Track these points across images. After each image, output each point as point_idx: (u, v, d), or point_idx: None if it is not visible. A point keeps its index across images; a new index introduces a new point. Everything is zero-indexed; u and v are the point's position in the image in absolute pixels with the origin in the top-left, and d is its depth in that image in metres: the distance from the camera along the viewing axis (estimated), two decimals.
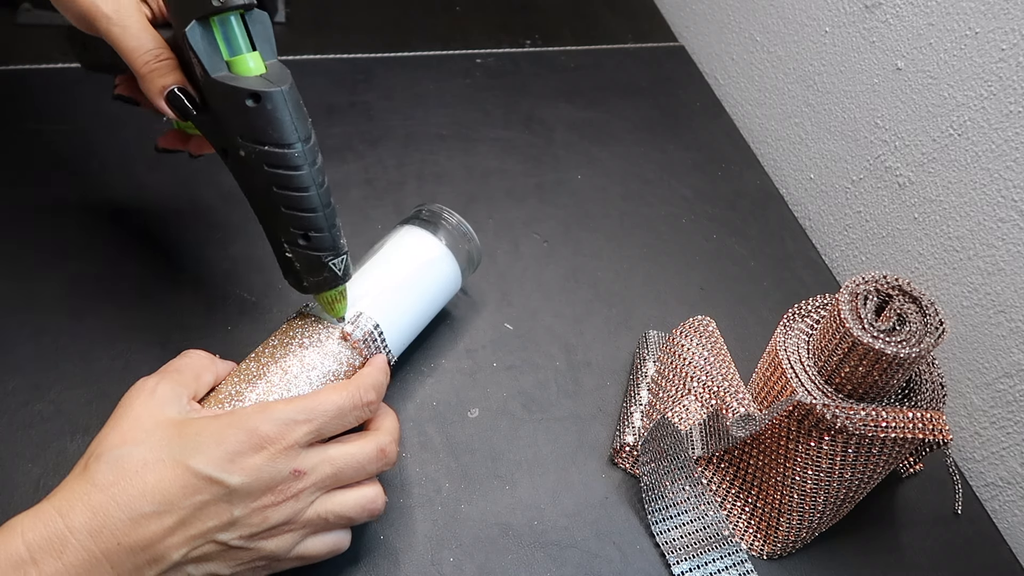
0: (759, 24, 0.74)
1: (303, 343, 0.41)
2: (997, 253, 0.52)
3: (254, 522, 0.35)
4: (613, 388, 0.53)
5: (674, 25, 0.89)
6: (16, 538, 0.31)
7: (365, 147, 0.67)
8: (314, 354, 0.41)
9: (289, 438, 0.35)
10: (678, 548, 0.45)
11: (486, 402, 0.51)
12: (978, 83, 0.52)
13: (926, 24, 0.56)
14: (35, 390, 0.47)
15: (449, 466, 0.47)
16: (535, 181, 0.67)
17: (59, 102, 0.65)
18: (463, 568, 0.43)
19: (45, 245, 0.54)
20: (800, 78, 0.70)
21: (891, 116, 0.60)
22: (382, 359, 0.42)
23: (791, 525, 0.44)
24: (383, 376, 0.40)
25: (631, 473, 0.48)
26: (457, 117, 0.71)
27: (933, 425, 0.40)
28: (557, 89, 0.77)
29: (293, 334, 0.42)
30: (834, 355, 0.40)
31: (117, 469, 0.33)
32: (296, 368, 0.40)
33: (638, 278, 0.60)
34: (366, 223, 0.60)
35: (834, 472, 0.41)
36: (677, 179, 0.70)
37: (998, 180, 0.51)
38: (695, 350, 0.48)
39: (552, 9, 0.88)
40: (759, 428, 0.42)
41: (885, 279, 0.41)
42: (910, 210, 0.59)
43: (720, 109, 0.79)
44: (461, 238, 0.50)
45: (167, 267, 0.54)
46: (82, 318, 0.50)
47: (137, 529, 0.32)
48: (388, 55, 0.77)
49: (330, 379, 0.41)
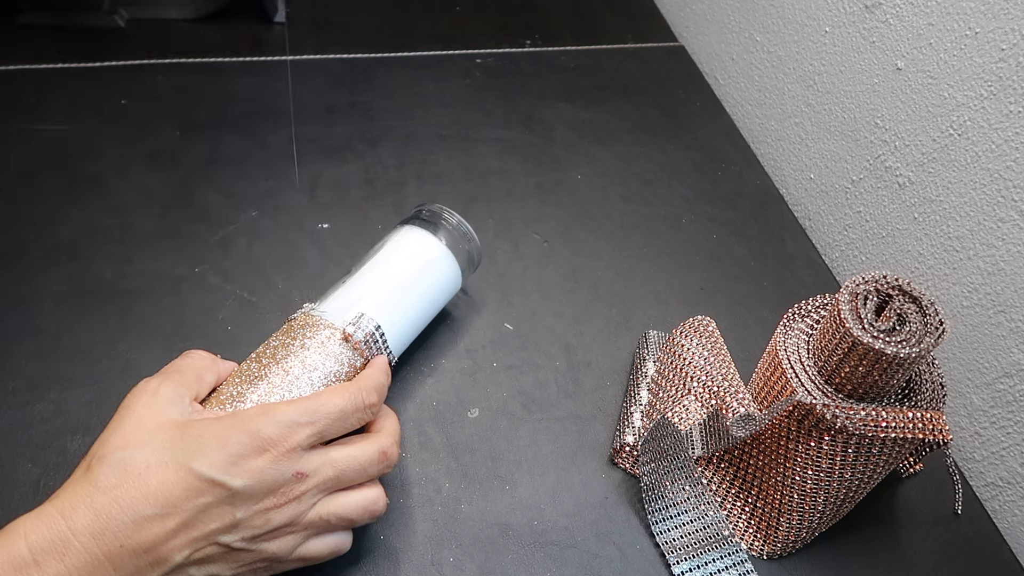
0: (759, 24, 0.74)
1: (304, 344, 0.41)
2: (997, 253, 0.52)
3: (256, 524, 0.35)
4: (613, 388, 0.53)
5: (674, 25, 0.89)
6: (19, 540, 0.31)
7: (365, 147, 0.67)
8: (315, 355, 0.41)
9: (291, 441, 0.35)
10: (678, 548, 0.45)
11: (486, 402, 0.51)
12: (978, 83, 0.52)
13: (926, 24, 0.56)
14: (35, 390, 0.47)
15: (449, 466, 0.47)
16: (535, 181, 0.67)
17: (59, 102, 0.65)
18: (463, 568, 0.43)
19: (45, 245, 0.54)
20: (800, 78, 0.70)
21: (891, 116, 0.60)
22: (383, 360, 0.42)
23: (791, 525, 0.44)
24: (384, 377, 0.40)
25: (631, 473, 0.48)
26: (457, 117, 0.71)
27: (933, 425, 0.40)
28: (557, 89, 0.77)
29: (294, 335, 0.42)
30: (834, 355, 0.40)
31: (120, 471, 0.33)
32: (297, 369, 0.40)
33: (638, 278, 0.60)
34: (366, 223, 0.60)
35: (834, 472, 0.41)
36: (677, 179, 0.70)
37: (998, 180, 0.51)
38: (695, 350, 0.48)
39: (552, 9, 0.88)
40: (759, 428, 0.42)
41: (885, 279, 0.41)
42: (910, 210, 0.59)
43: (720, 109, 0.79)
44: (461, 238, 0.50)
45: (167, 267, 0.54)
46: (82, 318, 0.50)
47: (140, 531, 0.32)
48: (388, 55, 0.77)
49: (331, 380, 0.41)
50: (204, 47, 0.73)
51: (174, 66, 0.70)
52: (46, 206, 0.56)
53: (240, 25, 0.77)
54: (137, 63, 0.69)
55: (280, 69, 0.72)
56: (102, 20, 0.73)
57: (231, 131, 0.65)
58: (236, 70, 0.71)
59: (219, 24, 0.77)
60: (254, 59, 0.73)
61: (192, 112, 0.66)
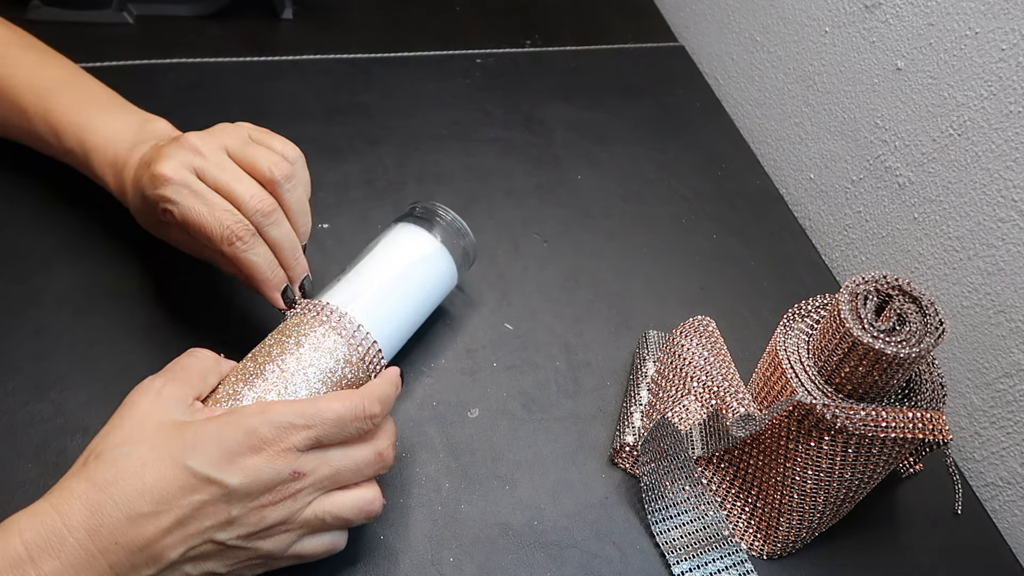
0: (759, 24, 0.74)
1: (300, 341, 0.41)
2: (997, 253, 0.52)
3: (251, 522, 0.35)
4: (613, 388, 0.53)
5: (674, 25, 0.89)
6: (14, 537, 0.31)
7: (365, 147, 0.67)
8: (310, 352, 0.41)
9: (287, 441, 0.35)
10: (678, 548, 0.45)
11: (486, 402, 0.51)
12: (978, 83, 0.52)
13: (926, 24, 0.56)
14: (35, 390, 0.47)
15: (449, 466, 0.47)
16: (535, 181, 0.67)
17: None
18: (463, 568, 0.43)
19: (45, 245, 0.54)
20: (800, 78, 0.70)
21: (891, 116, 0.60)
22: (394, 372, 0.41)
23: (791, 525, 0.44)
24: (392, 389, 0.39)
25: (631, 473, 0.48)
26: (457, 117, 0.71)
27: (933, 425, 0.40)
28: (557, 89, 0.77)
29: (289, 332, 0.42)
30: (834, 355, 0.40)
31: (116, 468, 0.33)
32: (293, 366, 0.40)
33: (638, 278, 0.60)
34: (366, 223, 0.60)
35: (834, 472, 0.41)
36: (677, 179, 0.70)
37: (998, 180, 0.51)
38: (695, 350, 0.48)
39: (552, 9, 0.88)
40: (759, 428, 0.42)
41: (885, 279, 0.41)
42: (910, 210, 0.59)
43: (720, 109, 0.79)
44: (456, 234, 0.50)
45: (167, 267, 0.54)
46: (82, 318, 0.50)
47: (135, 528, 0.32)
48: (388, 55, 0.77)
49: (327, 376, 0.41)
50: (210, 45, 0.73)
51: (175, 66, 0.70)
52: (46, 205, 0.56)
53: (248, 22, 0.77)
54: (142, 63, 0.69)
55: (281, 69, 0.72)
56: (111, 17, 0.73)
57: None
58: (237, 70, 0.71)
59: (227, 21, 0.77)
60: (255, 59, 0.73)
61: (193, 112, 0.66)
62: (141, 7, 0.75)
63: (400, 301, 0.47)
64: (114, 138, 0.48)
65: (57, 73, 0.52)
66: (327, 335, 0.42)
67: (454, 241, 0.50)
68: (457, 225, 0.50)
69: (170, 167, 0.41)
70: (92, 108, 0.50)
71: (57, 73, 0.52)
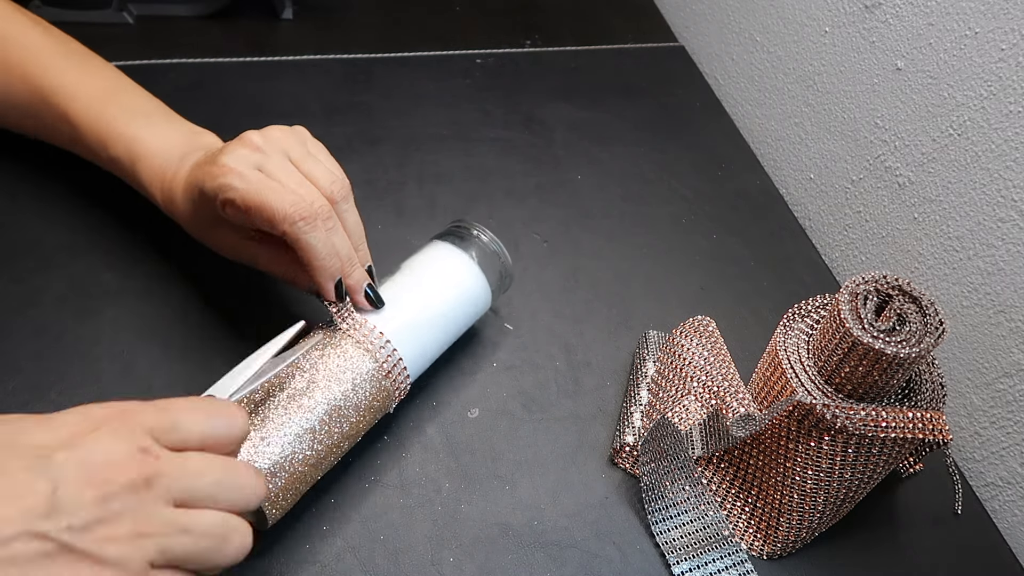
0: (759, 24, 0.74)
1: (325, 353, 0.41)
2: (997, 253, 0.52)
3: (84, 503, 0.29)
4: (613, 388, 0.53)
5: (674, 25, 0.89)
6: None
7: (365, 147, 0.67)
8: (336, 365, 0.41)
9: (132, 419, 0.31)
10: (678, 548, 0.45)
11: (486, 402, 0.51)
12: (978, 83, 0.52)
13: (926, 24, 0.56)
14: (35, 390, 0.47)
15: (449, 466, 0.47)
16: (535, 181, 0.67)
17: None
18: (463, 568, 0.43)
19: (45, 245, 0.54)
20: (800, 78, 0.70)
21: (891, 116, 0.60)
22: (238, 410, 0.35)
23: (791, 525, 0.44)
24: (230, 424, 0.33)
25: (631, 473, 0.48)
26: (457, 117, 0.71)
27: (933, 425, 0.40)
28: (557, 89, 0.77)
29: (319, 344, 0.42)
30: (834, 355, 0.40)
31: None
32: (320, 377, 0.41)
33: (638, 278, 0.60)
34: (366, 223, 0.60)
35: (834, 472, 0.41)
36: (677, 179, 0.70)
37: (998, 180, 0.51)
38: (695, 350, 0.48)
39: (552, 9, 0.88)
40: (759, 428, 0.42)
41: (885, 279, 0.41)
42: (910, 210, 0.59)
43: (720, 109, 0.79)
44: (496, 262, 0.50)
45: (167, 267, 0.54)
46: (82, 318, 0.50)
47: None
48: (388, 55, 0.77)
49: (353, 388, 0.41)
50: (210, 45, 0.73)
51: (175, 66, 0.70)
52: (47, 205, 0.56)
53: (248, 22, 0.77)
54: (142, 63, 0.69)
55: (281, 69, 0.72)
56: (111, 17, 0.73)
57: (232, 131, 0.65)
58: (237, 70, 0.71)
59: (227, 21, 0.77)
60: (255, 59, 0.73)
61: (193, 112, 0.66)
62: (141, 7, 0.75)
63: (432, 334, 0.47)
64: (163, 148, 0.48)
65: (105, 83, 0.51)
66: (352, 351, 0.42)
67: (492, 267, 0.50)
68: (504, 260, 0.51)
69: (234, 159, 0.42)
70: (140, 118, 0.49)
71: (105, 83, 0.51)
